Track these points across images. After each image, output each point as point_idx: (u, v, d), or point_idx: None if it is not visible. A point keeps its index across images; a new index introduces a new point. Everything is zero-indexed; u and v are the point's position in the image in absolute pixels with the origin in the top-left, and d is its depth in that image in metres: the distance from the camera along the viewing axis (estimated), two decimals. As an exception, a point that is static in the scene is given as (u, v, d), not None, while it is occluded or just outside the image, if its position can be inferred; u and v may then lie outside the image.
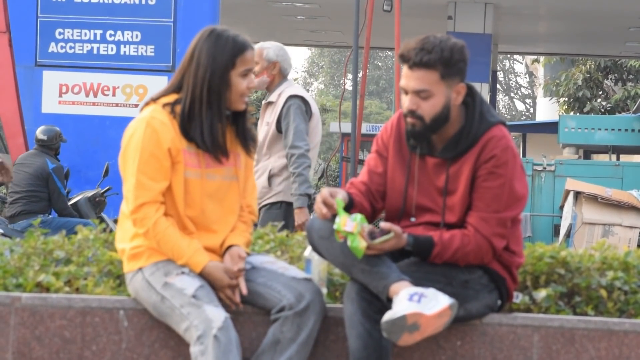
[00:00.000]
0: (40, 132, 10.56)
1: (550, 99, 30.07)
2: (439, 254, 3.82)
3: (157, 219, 3.87)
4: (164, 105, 3.95)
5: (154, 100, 3.98)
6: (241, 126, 4.03)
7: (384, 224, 3.77)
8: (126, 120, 6.44)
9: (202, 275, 3.88)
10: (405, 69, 3.80)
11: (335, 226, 3.71)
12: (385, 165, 3.98)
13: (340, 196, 3.80)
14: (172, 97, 3.97)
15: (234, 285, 3.89)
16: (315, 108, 6.53)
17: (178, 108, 3.94)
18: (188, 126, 3.92)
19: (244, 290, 3.89)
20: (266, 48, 6.45)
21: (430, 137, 3.88)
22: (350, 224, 3.69)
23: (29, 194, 10.31)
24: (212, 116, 3.92)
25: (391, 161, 3.96)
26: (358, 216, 3.72)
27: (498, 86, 37.16)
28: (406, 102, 3.83)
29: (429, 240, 3.81)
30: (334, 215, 3.77)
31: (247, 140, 4.05)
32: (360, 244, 3.68)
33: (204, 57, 3.90)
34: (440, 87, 3.81)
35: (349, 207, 3.85)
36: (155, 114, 3.93)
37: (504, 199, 3.83)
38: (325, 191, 3.80)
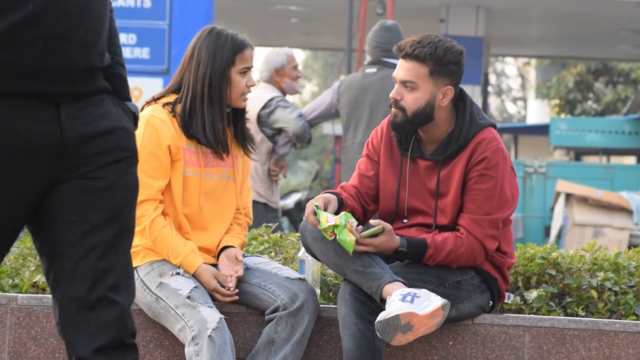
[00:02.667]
0: None
1: (542, 101, 30.11)
2: (432, 256, 3.84)
3: (154, 217, 3.89)
4: (164, 104, 3.98)
5: (155, 99, 4.01)
6: (240, 127, 4.06)
7: (373, 221, 3.80)
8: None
9: (195, 276, 3.90)
10: (400, 59, 3.87)
11: (320, 226, 3.73)
12: (375, 169, 4.01)
13: (320, 201, 3.81)
14: (172, 97, 4.00)
15: (222, 293, 3.90)
16: None
17: (178, 107, 3.96)
18: (189, 122, 3.94)
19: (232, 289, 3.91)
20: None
21: (411, 131, 3.91)
22: (332, 218, 3.71)
23: None
24: (213, 112, 3.95)
25: (383, 165, 3.99)
26: (342, 213, 3.75)
27: (490, 88, 37.14)
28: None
29: (422, 242, 3.84)
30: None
31: (246, 141, 4.08)
32: (348, 237, 3.70)
33: (204, 54, 3.93)
34: (427, 83, 3.84)
35: (340, 209, 3.88)
36: (155, 112, 3.96)
37: (495, 200, 3.85)
38: (310, 204, 3.80)
